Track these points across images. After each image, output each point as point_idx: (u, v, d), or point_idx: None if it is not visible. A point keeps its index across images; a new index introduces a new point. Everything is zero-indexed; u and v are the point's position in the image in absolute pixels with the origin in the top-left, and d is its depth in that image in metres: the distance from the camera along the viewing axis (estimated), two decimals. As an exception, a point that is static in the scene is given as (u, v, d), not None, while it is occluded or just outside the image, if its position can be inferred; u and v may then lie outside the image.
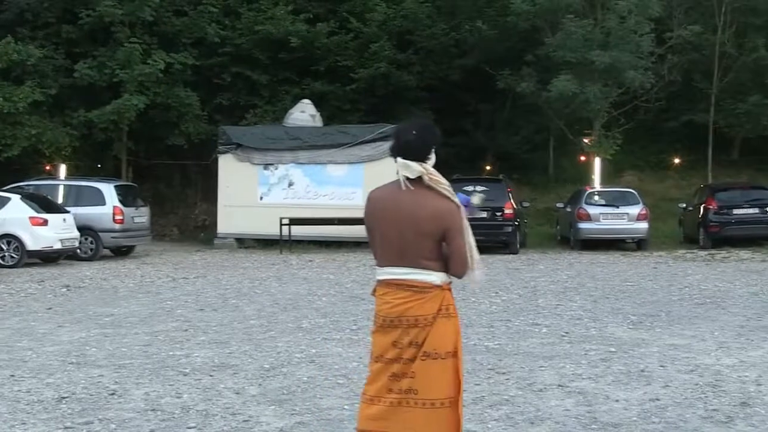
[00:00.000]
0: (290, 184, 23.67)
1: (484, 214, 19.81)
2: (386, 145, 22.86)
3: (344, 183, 23.28)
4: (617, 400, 6.25)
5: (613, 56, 25.46)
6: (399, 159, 4.05)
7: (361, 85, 29.28)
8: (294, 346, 8.50)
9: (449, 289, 4.10)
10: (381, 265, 4.14)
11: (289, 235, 21.84)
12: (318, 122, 25.02)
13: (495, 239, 21.43)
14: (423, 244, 3.99)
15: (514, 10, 27.45)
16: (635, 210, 22.37)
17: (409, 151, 4.06)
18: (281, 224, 21.75)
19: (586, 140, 27.90)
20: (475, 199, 4.73)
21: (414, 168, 4.01)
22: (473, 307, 11.28)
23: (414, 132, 4.10)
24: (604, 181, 26.47)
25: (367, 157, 23.05)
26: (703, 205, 22.51)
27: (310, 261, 19.22)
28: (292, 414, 5.94)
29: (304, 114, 24.86)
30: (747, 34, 29.47)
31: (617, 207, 22.53)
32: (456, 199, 4.06)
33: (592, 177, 26.52)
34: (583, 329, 9.49)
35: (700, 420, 5.71)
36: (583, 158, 28.02)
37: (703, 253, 20.92)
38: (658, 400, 6.25)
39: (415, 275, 4.01)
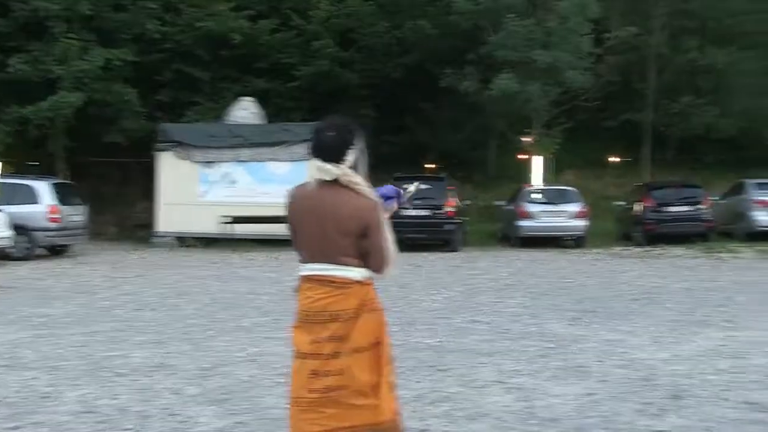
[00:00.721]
0: (232, 182, 23.50)
1: (420, 203, 19.90)
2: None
3: (286, 181, 23.11)
4: (555, 396, 6.33)
5: (553, 56, 25.82)
6: (314, 160, 4.06)
7: (304, 83, 29.23)
8: (234, 345, 8.44)
9: (370, 285, 4.11)
10: (303, 261, 4.16)
11: (231, 234, 21.67)
12: (260, 120, 24.87)
13: (436, 237, 21.57)
14: (343, 242, 4.03)
15: (457, 9, 27.67)
16: (574, 208, 22.69)
17: (324, 152, 4.07)
18: (222, 222, 21.57)
19: (526, 139, 28.23)
20: (412, 187, 4.72)
21: (329, 170, 4.03)
22: (414, 304, 11.32)
23: (330, 132, 4.09)
24: (544, 179, 26.80)
25: (310, 155, 22.98)
26: (639, 203, 22.94)
27: (252, 259, 19.11)
28: (232, 414, 5.89)
29: (245, 111, 24.71)
30: (681, 35, 30.13)
31: (556, 205, 22.82)
32: (374, 197, 4.06)
33: (532, 175, 26.82)
34: (523, 326, 9.60)
35: (634, 413, 5.81)
36: (523, 157, 28.34)
37: (638, 250, 21.32)
38: (594, 394, 6.34)
39: (335, 271, 4.05)
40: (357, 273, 4.07)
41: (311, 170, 4.12)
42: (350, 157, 4.07)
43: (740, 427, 5.47)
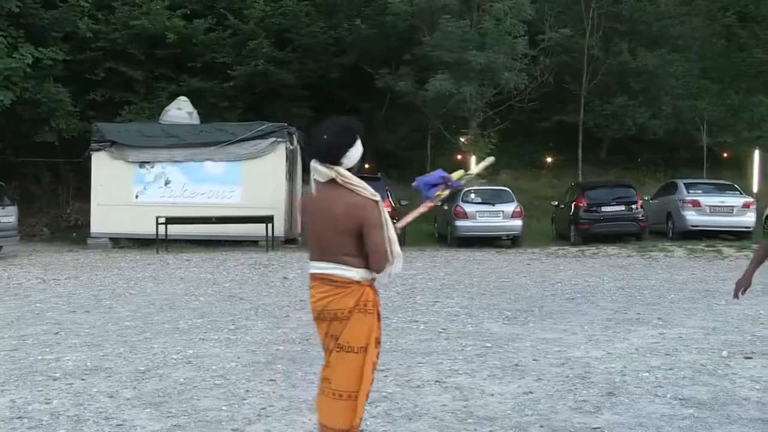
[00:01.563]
0: (167, 183, 23.18)
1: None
2: (265, 143, 22.85)
3: (222, 181, 22.97)
4: (492, 394, 6.40)
5: (488, 57, 26.07)
6: (312, 162, 4.17)
7: (239, 83, 29.00)
8: (170, 348, 8.34)
9: (370, 286, 4.22)
10: (310, 259, 4.32)
11: (166, 235, 21.38)
12: (195, 120, 24.59)
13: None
14: (342, 241, 4.13)
15: (392, 10, 27.75)
16: (510, 208, 22.91)
17: (320, 154, 4.16)
18: (158, 223, 21.28)
19: (462, 139, 28.45)
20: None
21: (323, 172, 4.13)
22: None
23: (325, 134, 4.17)
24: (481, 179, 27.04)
25: (246, 155, 22.83)
26: (573, 203, 23.29)
27: (188, 260, 18.87)
28: (168, 417, 5.83)
29: (180, 111, 24.37)
30: (613, 38, 30.70)
31: (493, 205, 23.01)
32: (373, 195, 4.15)
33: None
34: (460, 325, 9.67)
35: (570, 411, 5.91)
36: (459, 157, 28.55)
37: (573, 249, 21.64)
38: (531, 393, 6.43)
39: (334, 270, 4.17)
40: (356, 273, 4.16)
41: (314, 173, 4.23)
42: (346, 159, 4.16)
43: (671, 422, 5.60)
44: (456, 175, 4.73)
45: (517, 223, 22.84)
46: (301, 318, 10.15)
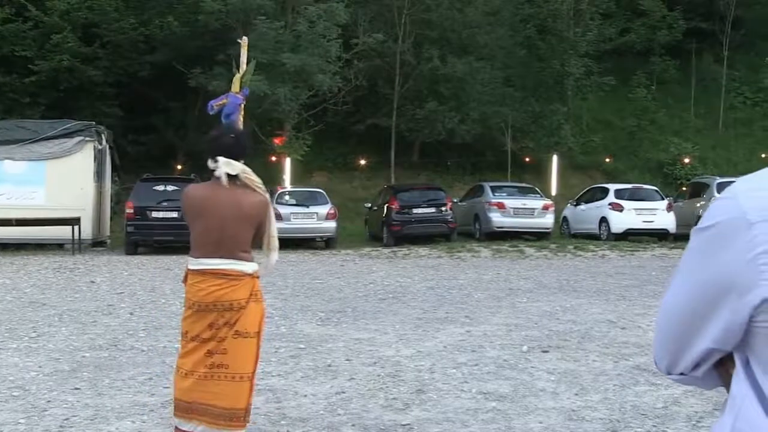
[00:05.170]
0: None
1: None
2: (72, 141, 21.86)
3: (23, 181, 21.77)
4: (305, 395, 6.44)
5: (303, 59, 26.16)
6: (221, 158, 4.59)
7: (43, 78, 27.61)
8: (-36, 359, 7.83)
9: (258, 277, 4.69)
10: (196, 256, 4.62)
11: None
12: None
13: (183, 239, 21.13)
14: (243, 236, 4.59)
15: (204, 9, 27.31)
16: (324, 209, 23.07)
17: (230, 151, 4.65)
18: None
19: (277, 141, 28.40)
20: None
21: (236, 165, 4.59)
22: (163, 308, 11.06)
23: (232, 134, 4.81)
24: (295, 181, 27.10)
25: (50, 154, 21.76)
26: (386, 205, 23.77)
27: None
28: (-38, 433, 5.48)
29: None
30: (424, 45, 31.59)
31: (307, 207, 23.10)
32: (266, 194, 4.74)
33: (283, 177, 27.03)
34: (274, 327, 9.64)
35: (381, 409, 6.04)
36: (274, 159, 28.49)
37: (386, 250, 22.06)
38: (343, 392, 6.52)
39: (230, 265, 4.55)
40: (249, 267, 4.61)
41: (220, 168, 4.59)
42: (243, 159, 4.71)
43: (476, 416, 5.84)
44: (234, 88, 5.72)
45: (331, 224, 23.04)
46: (108, 323, 9.81)
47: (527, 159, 31.95)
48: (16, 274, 15.81)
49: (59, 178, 21.58)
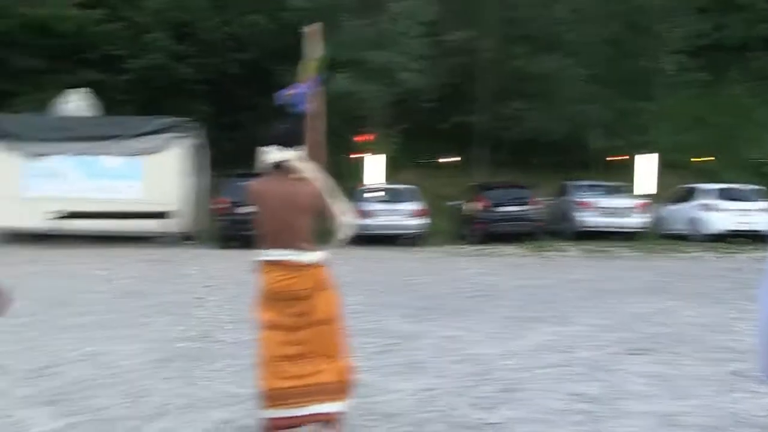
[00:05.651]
0: (60, 177, 22.49)
1: None
2: (166, 137, 22.40)
3: (121, 176, 22.43)
4: (394, 391, 6.45)
5: (386, 57, 26.18)
6: (272, 147, 4.79)
7: (136, 76, 28.35)
8: (66, 345, 8.09)
9: (322, 267, 4.86)
10: (265, 247, 4.82)
11: (58, 230, 20.74)
12: (93, 112, 23.92)
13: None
14: (298, 227, 4.74)
15: (290, 6, 27.61)
16: (412, 207, 23.09)
17: (282, 140, 4.81)
18: (52, 218, 20.61)
19: (362, 138, 28.51)
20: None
21: (289, 153, 4.76)
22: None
23: (284, 124, 4.96)
24: (383, 178, 27.15)
25: (146, 149, 22.35)
26: (471, 203, 23.64)
27: (80, 256, 18.36)
28: (65, 415, 5.67)
29: (76, 103, 23.70)
30: (511, 42, 31.25)
31: (395, 204, 23.14)
32: (320, 184, 4.84)
33: (366, 175, 27.10)
34: (362, 323, 9.68)
35: (469, 407, 6.01)
36: (356, 156, 28.58)
37: (472, 248, 21.96)
38: (431, 389, 6.51)
39: (288, 256, 4.73)
40: (310, 257, 4.78)
41: (268, 157, 4.80)
42: (300, 149, 4.83)
43: (566, 417, 5.76)
44: (301, 77, 5.93)
45: (420, 222, 23.02)
46: (201, 315, 10.02)
47: (616, 157, 31.33)
48: (112, 266, 16.29)
49: (154, 173, 22.15)
